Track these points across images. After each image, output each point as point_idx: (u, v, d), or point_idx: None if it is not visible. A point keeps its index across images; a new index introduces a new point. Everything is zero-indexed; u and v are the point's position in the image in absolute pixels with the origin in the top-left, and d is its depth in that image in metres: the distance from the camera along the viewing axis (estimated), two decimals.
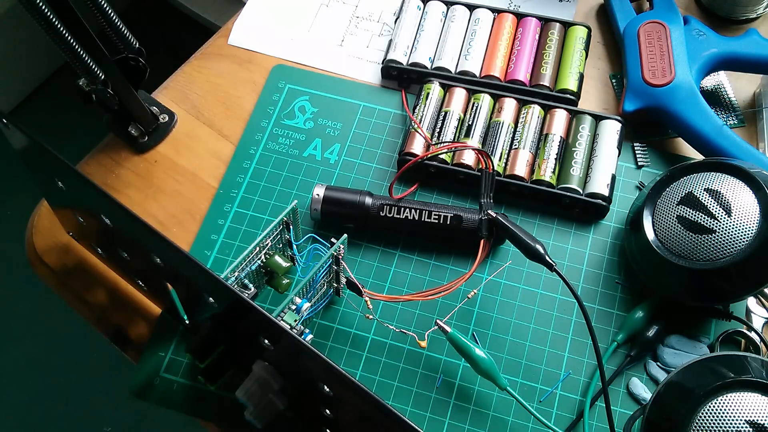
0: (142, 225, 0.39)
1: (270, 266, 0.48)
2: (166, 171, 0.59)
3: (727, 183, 0.48)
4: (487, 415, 0.49)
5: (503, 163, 0.56)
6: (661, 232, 0.49)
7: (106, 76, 0.52)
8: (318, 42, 0.65)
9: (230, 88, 0.63)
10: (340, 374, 0.35)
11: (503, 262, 0.54)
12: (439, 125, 0.57)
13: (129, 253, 0.47)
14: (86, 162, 0.60)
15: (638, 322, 0.50)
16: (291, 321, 0.45)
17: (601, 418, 0.48)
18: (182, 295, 0.46)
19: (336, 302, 0.53)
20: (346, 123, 0.60)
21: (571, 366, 0.50)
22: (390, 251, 0.55)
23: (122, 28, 0.53)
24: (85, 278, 0.55)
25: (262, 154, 0.59)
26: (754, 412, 0.39)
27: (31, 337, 1.26)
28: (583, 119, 0.57)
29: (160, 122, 0.61)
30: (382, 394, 0.50)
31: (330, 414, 0.41)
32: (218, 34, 0.66)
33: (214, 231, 0.56)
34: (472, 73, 0.60)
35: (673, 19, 0.59)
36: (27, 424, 1.19)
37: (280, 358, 0.41)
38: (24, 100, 1.49)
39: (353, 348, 0.51)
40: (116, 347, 0.53)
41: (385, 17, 0.67)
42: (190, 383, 0.50)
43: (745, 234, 0.46)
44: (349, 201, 0.53)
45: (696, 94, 0.55)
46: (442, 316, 0.52)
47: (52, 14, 0.46)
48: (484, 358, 0.47)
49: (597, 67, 0.63)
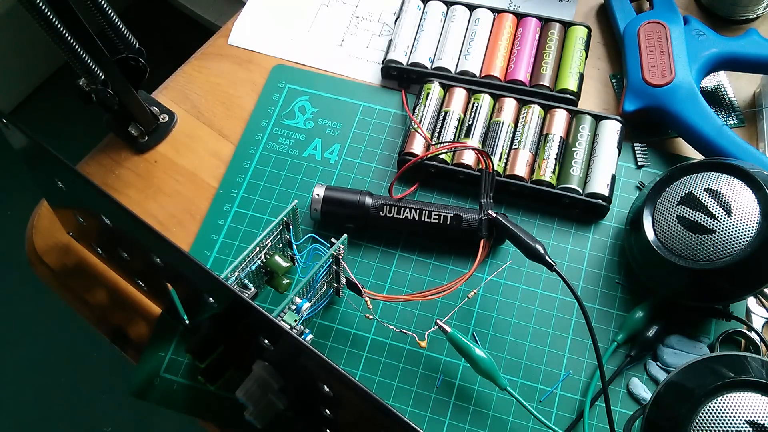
0: (142, 225, 0.39)
1: (270, 266, 0.48)
2: (166, 171, 0.59)
3: (727, 183, 0.48)
4: (487, 415, 0.49)
5: (503, 163, 0.56)
6: (661, 232, 0.49)
7: (106, 76, 0.52)
8: (318, 42, 0.65)
9: (230, 88, 0.63)
10: (340, 374, 0.35)
11: (503, 262, 0.54)
12: (439, 125, 0.57)
13: (129, 253, 0.47)
14: (86, 162, 0.60)
15: (638, 322, 0.50)
16: (291, 321, 0.45)
17: (601, 418, 0.48)
18: (182, 295, 0.46)
19: (336, 302, 0.53)
20: (346, 123, 0.60)
21: (571, 366, 0.50)
22: (390, 251, 0.55)
23: (122, 28, 0.53)
24: (85, 278, 0.55)
25: (262, 154, 0.59)
26: (754, 412, 0.39)
27: (31, 337, 1.26)
28: (583, 119, 0.57)
29: (160, 122, 0.61)
30: (382, 394, 0.50)
31: (330, 414, 0.41)
32: (218, 34, 0.66)
33: (214, 231, 0.56)
34: (472, 73, 0.60)
35: (673, 19, 0.59)
36: (27, 424, 1.19)
37: (280, 358, 0.41)
38: (24, 100, 1.49)
39: (353, 348, 0.51)
40: (116, 347, 0.53)
41: (385, 17, 0.67)
42: (190, 383, 0.50)
43: (745, 234, 0.46)
44: (349, 201, 0.53)
45: (696, 94, 0.55)
46: (442, 316, 0.52)
47: (52, 14, 0.46)
48: (484, 358, 0.47)
49: (597, 67, 0.63)
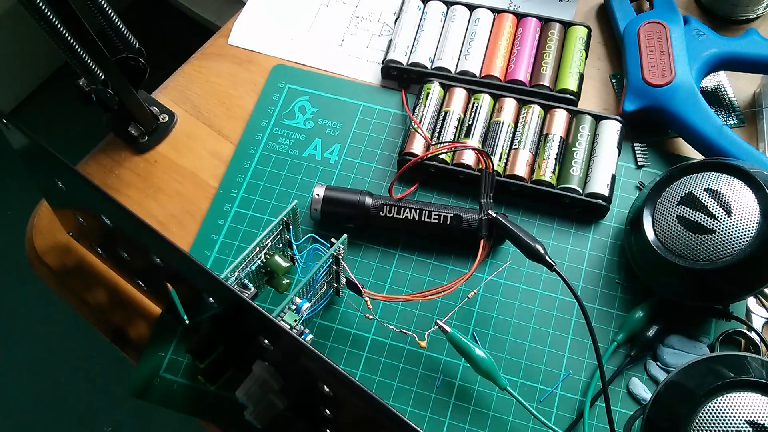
0: (142, 225, 0.39)
1: (270, 266, 0.48)
2: (166, 171, 0.59)
3: (727, 183, 0.48)
4: (487, 415, 0.49)
5: (503, 163, 0.56)
6: (661, 232, 0.49)
7: (106, 76, 0.52)
8: (318, 42, 0.65)
9: (230, 88, 0.63)
10: (340, 374, 0.35)
11: (503, 262, 0.54)
12: (439, 125, 0.57)
13: (129, 253, 0.47)
14: (86, 162, 0.60)
15: (638, 322, 0.50)
16: (291, 321, 0.45)
17: (601, 418, 0.48)
18: (182, 295, 0.46)
19: (336, 302, 0.53)
20: (346, 123, 0.60)
21: (571, 366, 0.50)
22: (390, 251, 0.55)
23: (122, 28, 0.53)
24: (85, 278, 0.55)
25: (262, 154, 0.59)
26: (754, 412, 0.39)
27: (31, 337, 1.26)
28: (583, 119, 0.57)
29: (160, 122, 0.61)
30: (382, 394, 0.50)
31: (330, 414, 0.41)
32: (218, 34, 0.66)
33: (214, 231, 0.56)
34: (472, 73, 0.60)
35: (673, 19, 0.59)
36: (27, 424, 1.19)
37: (280, 358, 0.41)
38: (24, 100, 1.49)
39: (353, 348, 0.51)
40: (116, 347, 0.53)
41: (385, 17, 0.67)
42: (190, 383, 0.50)
43: (745, 234, 0.46)
44: (349, 201, 0.53)
45: (696, 94, 0.55)
46: (442, 316, 0.52)
47: (52, 14, 0.46)
48: (484, 358, 0.47)
49: (597, 67, 0.63)
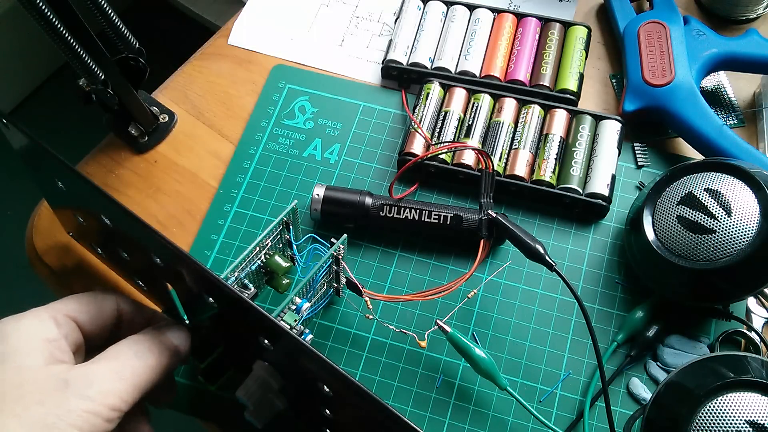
0: (142, 225, 0.39)
1: (270, 266, 0.48)
2: (166, 171, 0.59)
3: (727, 183, 0.48)
4: (487, 415, 0.49)
5: (503, 163, 0.56)
6: (661, 232, 0.49)
7: (106, 76, 0.52)
8: (318, 42, 0.65)
9: (230, 88, 0.63)
10: (340, 374, 0.35)
11: (503, 262, 0.54)
12: (439, 125, 0.57)
13: (129, 253, 0.47)
14: (86, 162, 0.60)
15: (638, 322, 0.50)
16: (291, 321, 0.45)
17: (601, 418, 0.48)
18: (182, 295, 0.46)
19: (336, 302, 0.53)
20: (346, 123, 0.60)
21: (571, 366, 0.50)
22: (390, 251, 0.55)
23: (122, 28, 0.53)
24: (85, 278, 0.55)
25: (262, 154, 0.59)
26: (754, 412, 0.39)
27: None
28: (583, 119, 0.57)
29: (160, 122, 0.61)
30: (382, 394, 0.50)
31: (330, 414, 0.41)
32: (218, 34, 0.66)
33: (214, 231, 0.56)
34: (472, 73, 0.60)
35: (673, 19, 0.59)
36: None
37: (280, 358, 0.41)
38: (24, 100, 1.49)
39: (353, 348, 0.51)
40: None
41: (385, 17, 0.67)
42: (190, 383, 0.50)
43: (745, 234, 0.46)
44: (349, 201, 0.53)
45: (696, 94, 0.55)
46: (442, 316, 0.52)
47: (52, 14, 0.46)
48: (484, 358, 0.47)
49: (597, 67, 0.63)
